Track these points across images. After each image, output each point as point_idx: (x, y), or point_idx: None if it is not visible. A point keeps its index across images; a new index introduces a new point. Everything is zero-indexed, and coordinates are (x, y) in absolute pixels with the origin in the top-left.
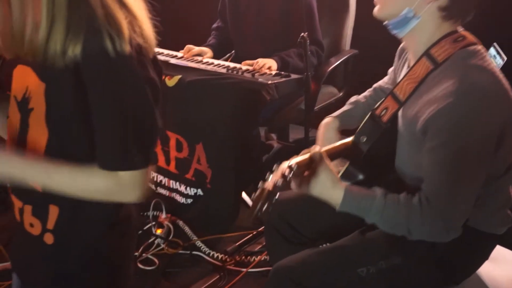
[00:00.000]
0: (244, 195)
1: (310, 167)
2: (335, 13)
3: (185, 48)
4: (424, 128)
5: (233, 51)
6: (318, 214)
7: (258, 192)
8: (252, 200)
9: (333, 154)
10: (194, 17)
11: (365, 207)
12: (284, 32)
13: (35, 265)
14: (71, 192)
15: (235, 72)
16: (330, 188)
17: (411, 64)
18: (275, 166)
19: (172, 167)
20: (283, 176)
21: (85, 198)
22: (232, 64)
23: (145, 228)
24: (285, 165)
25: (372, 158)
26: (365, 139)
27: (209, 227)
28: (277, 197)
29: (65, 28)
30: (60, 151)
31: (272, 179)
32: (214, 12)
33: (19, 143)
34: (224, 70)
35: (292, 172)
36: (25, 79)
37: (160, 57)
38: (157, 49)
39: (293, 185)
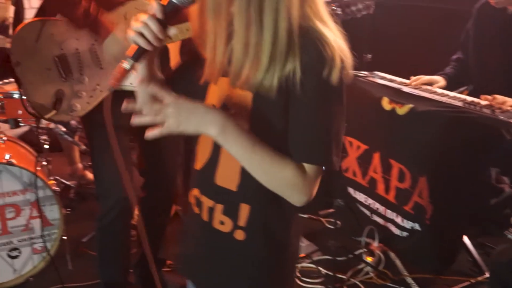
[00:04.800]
0: (465, 238)
1: None
2: None
3: (416, 77)
4: None
5: (470, 84)
6: None
7: None
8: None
9: None
10: (431, 45)
11: None
12: None
13: (223, 260)
14: (262, 173)
15: (472, 106)
16: None
17: None
18: None
19: (391, 197)
20: None
21: (270, 184)
22: (469, 98)
23: (356, 252)
24: None
25: None
26: None
27: (423, 265)
28: None
29: (282, 66)
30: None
31: None
32: (452, 43)
33: None
34: (460, 104)
35: None
36: (225, 90)
37: (386, 83)
38: (383, 74)
39: None
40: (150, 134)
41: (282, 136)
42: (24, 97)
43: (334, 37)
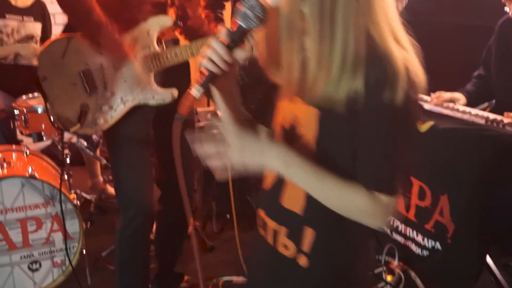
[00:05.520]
0: (488, 259)
1: None
2: None
3: (436, 93)
4: None
5: (492, 101)
6: None
7: None
8: None
9: None
10: (452, 62)
11: None
12: None
13: (286, 286)
14: (332, 201)
15: (495, 124)
16: None
17: None
18: None
19: (411, 215)
20: None
21: (342, 211)
22: (491, 115)
23: (375, 271)
24: None
25: None
26: None
27: (444, 284)
28: None
29: (350, 80)
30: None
31: None
32: (474, 59)
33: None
34: (482, 121)
35: None
36: (293, 108)
37: None
38: None
39: None
40: (220, 176)
41: (349, 154)
42: (50, 111)
43: (405, 56)
